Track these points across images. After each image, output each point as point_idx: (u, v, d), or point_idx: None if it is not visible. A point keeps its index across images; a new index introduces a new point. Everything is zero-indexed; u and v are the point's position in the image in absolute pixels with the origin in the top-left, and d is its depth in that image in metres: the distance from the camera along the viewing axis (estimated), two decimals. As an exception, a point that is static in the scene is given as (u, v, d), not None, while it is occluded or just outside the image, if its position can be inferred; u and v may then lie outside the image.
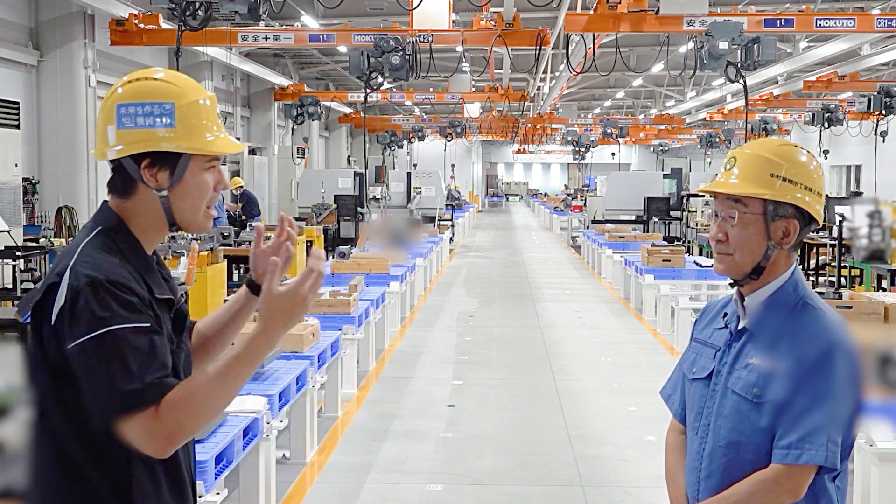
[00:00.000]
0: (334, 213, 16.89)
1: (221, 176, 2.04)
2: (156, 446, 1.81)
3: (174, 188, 1.96)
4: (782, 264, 2.17)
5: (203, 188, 1.99)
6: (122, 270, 1.88)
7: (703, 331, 2.32)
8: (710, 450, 2.16)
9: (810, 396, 2.03)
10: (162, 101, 1.94)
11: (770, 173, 2.14)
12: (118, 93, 1.96)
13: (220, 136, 2.00)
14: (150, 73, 1.99)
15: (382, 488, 5.48)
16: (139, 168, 1.94)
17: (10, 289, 9.91)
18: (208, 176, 2.00)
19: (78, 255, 1.89)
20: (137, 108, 1.93)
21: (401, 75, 12.38)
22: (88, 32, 14.03)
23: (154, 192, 1.95)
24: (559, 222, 28.98)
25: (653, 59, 20.79)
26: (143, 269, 1.96)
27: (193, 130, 1.95)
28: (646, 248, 11.94)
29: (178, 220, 1.99)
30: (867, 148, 23.02)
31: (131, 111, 1.93)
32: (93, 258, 1.88)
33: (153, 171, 1.94)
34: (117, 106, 1.94)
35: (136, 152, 1.93)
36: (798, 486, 2.04)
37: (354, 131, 37.40)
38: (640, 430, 6.57)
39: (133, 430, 1.80)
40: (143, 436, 1.80)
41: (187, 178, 1.96)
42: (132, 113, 1.93)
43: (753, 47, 11.29)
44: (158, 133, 1.92)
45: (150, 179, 1.94)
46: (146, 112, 1.92)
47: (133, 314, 1.83)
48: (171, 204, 1.96)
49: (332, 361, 6.47)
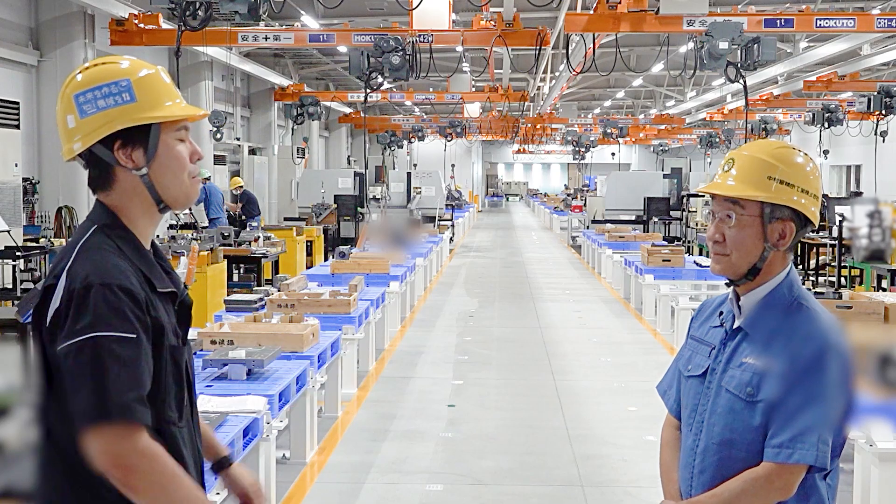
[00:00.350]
0: (334, 213, 16.89)
1: (194, 146, 2.03)
2: (107, 465, 1.80)
3: (151, 164, 1.94)
4: (778, 265, 2.21)
5: (179, 158, 1.98)
6: (120, 270, 1.87)
7: (700, 328, 2.35)
8: (704, 447, 2.20)
9: (802, 397, 2.06)
10: (117, 79, 1.93)
11: (767, 175, 2.17)
12: (75, 81, 1.95)
13: (180, 103, 1.99)
14: (99, 60, 2.00)
15: (382, 488, 5.48)
16: (112, 152, 1.93)
17: (10, 289, 9.92)
18: (181, 147, 1.99)
19: (75, 255, 1.89)
20: (95, 93, 1.91)
21: (401, 75, 12.37)
22: (88, 32, 14.02)
23: (134, 174, 1.94)
24: (559, 222, 28.98)
25: (653, 59, 20.80)
26: (142, 263, 1.95)
27: (155, 101, 1.94)
28: (646, 248, 11.94)
29: (164, 196, 1.98)
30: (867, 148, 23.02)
31: (90, 97, 1.91)
32: (90, 259, 1.87)
33: (127, 150, 1.93)
34: (74, 96, 1.92)
35: (105, 134, 1.91)
36: (789, 485, 2.08)
37: (354, 131, 37.40)
38: (640, 430, 6.57)
39: (94, 441, 1.79)
40: (100, 450, 1.79)
41: (161, 151, 1.95)
42: (91, 98, 1.91)
43: (753, 47, 11.29)
44: (122, 110, 1.91)
45: (126, 161, 1.93)
46: (105, 93, 1.91)
47: (122, 322, 1.81)
48: (153, 181, 1.95)
49: (332, 361, 6.46)
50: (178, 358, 1.98)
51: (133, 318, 1.83)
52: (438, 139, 31.29)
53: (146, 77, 1.95)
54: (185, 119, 2.00)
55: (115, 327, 1.80)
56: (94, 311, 1.80)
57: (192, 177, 2.02)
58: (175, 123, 1.99)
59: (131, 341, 1.82)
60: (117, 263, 1.88)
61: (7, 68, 13.08)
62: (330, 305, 7.32)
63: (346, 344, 7.14)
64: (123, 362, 1.80)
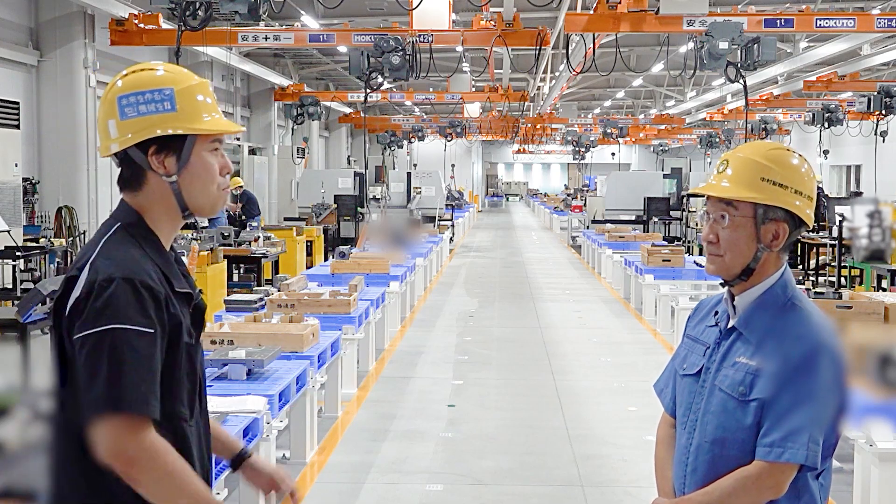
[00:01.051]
0: (334, 213, 16.89)
1: (226, 160, 2.09)
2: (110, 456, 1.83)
3: (182, 172, 2.00)
4: (772, 266, 2.22)
5: (210, 170, 2.04)
6: (141, 265, 1.92)
7: (696, 327, 2.37)
8: (697, 445, 2.22)
9: (794, 396, 2.08)
10: (161, 87, 1.98)
11: (761, 177, 2.18)
12: (117, 86, 2.01)
13: (218, 118, 2.05)
14: (146, 66, 2.05)
15: (382, 488, 5.48)
16: (146, 156, 1.98)
17: (10, 289, 9.92)
18: (213, 158, 2.05)
19: (99, 249, 1.94)
20: (138, 97, 1.97)
21: (401, 75, 12.37)
22: (88, 32, 14.02)
23: (164, 180, 2.00)
24: (559, 222, 28.97)
25: (653, 59, 20.80)
26: (162, 263, 1.99)
27: (194, 113, 2.00)
28: (646, 248, 11.94)
29: (190, 204, 2.03)
30: (867, 148, 23.02)
31: (132, 101, 1.97)
32: (113, 253, 1.92)
33: (160, 157, 1.99)
34: (118, 98, 1.98)
35: (142, 139, 1.97)
36: (779, 484, 2.09)
37: (354, 131, 37.39)
38: (640, 430, 6.57)
39: (101, 432, 1.82)
40: (106, 441, 1.82)
41: (193, 160, 2.01)
42: (133, 102, 1.97)
43: (753, 47, 11.29)
44: (161, 118, 1.97)
45: (158, 166, 1.99)
46: (147, 100, 1.97)
47: (141, 317, 1.86)
48: (182, 189, 2.01)
49: (332, 361, 6.46)
50: (193, 355, 2.01)
51: (153, 314, 1.87)
52: (438, 139, 31.29)
53: (188, 88, 2.01)
54: (220, 133, 2.05)
55: (133, 321, 1.84)
56: (114, 304, 1.84)
57: (221, 189, 2.08)
58: (209, 136, 2.04)
59: (148, 336, 1.86)
60: (140, 260, 1.93)
61: (7, 68, 13.08)
62: (330, 305, 7.32)
63: (346, 344, 7.14)
64: (139, 356, 1.84)
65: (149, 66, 2.05)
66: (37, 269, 10.43)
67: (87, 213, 13.76)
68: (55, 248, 10.91)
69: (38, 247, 10.63)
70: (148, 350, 1.85)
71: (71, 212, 13.27)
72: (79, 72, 13.91)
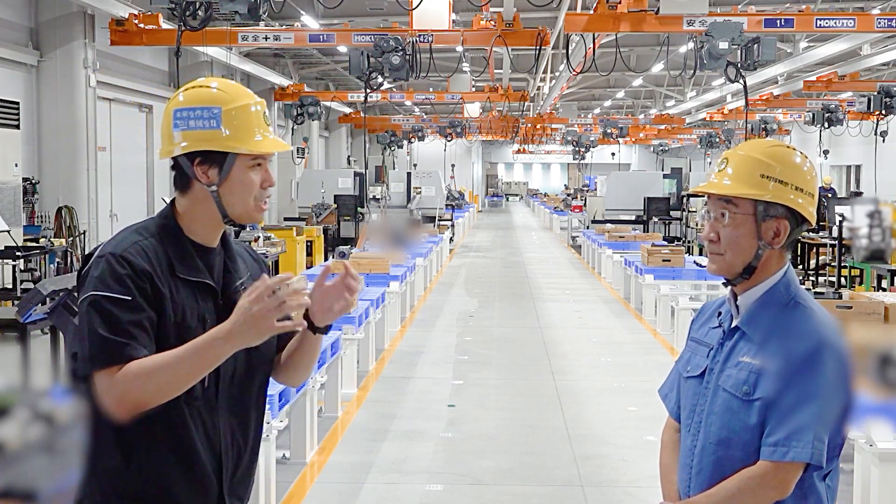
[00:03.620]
0: (334, 213, 16.90)
1: (268, 174, 2.24)
2: (109, 405, 2.00)
3: (223, 184, 2.17)
4: (774, 264, 2.21)
5: (248, 185, 2.19)
6: (137, 247, 2.10)
7: (699, 330, 2.35)
8: (701, 446, 2.20)
9: (798, 395, 2.06)
10: (210, 105, 2.17)
11: (761, 174, 2.17)
12: (178, 100, 2.21)
13: (264, 138, 2.21)
14: (207, 82, 2.25)
15: (382, 488, 5.48)
16: (192, 165, 2.17)
17: (10, 289, 9.92)
18: (254, 174, 2.20)
19: (115, 234, 2.18)
20: (189, 113, 2.17)
21: (401, 75, 12.37)
22: (88, 32, 14.02)
23: (206, 188, 2.17)
24: (559, 222, 28.98)
25: (653, 59, 20.80)
26: (175, 251, 2.15)
27: (239, 132, 2.17)
28: (646, 248, 11.94)
29: (230, 212, 2.20)
30: (867, 148, 23.02)
31: (184, 115, 2.17)
32: (119, 236, 2.14)
33: (204, 168, 2.17)
34: (174, 111, 2.19)
35: (186, 151, 2.16)
36: (785, 484, 2.07)
37: (354, 131, 37.39)
38: (640, 430, 6.57)
39: (95, 387, 2.00)
40: (101, 394, 2.00)
41: (234, 174, 2.18)
42: (185, 116, 2.17)
43: (753, 47, 11.29)
44: (206, 134, 2.16)
45: (201, 176, 2.17)
46: (196, 116, 2.17)
47: (120, 286, 2.04)
48: (221, 198, 2.18)
49: (332, 361, 6.47)
50: (182, 334, 2.09)
51: (131, 284, 2.05)
52: (438, 139, 31.29)
53: (235, 108, 2.18)
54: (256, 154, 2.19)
55: (111, 289, 2.03)
56: (97, 275, 2.06)
57: (259, 201, 2.22)
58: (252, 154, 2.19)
59: (126, 302, 2.03)
60: (136, 241, 2.12)
61: (7, 68, 13.08)
62: (330, 305, 7.30)
63: (346, 344, 7.15)
64: (114, 317, 2.02)
65: (207, 83, 2.24)
66: (37, 269, 10.44)
67: (87, 213, 13.75)
68: (55, 248, 10.92)
69: (38, 247, 10.63)
70: (125, 313, 2.02)
71: (71, 212, 13.27)
72: (79, 72, 13.90)
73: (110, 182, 15.59)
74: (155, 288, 2.07)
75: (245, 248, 2.39)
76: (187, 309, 2.12)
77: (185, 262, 2.16)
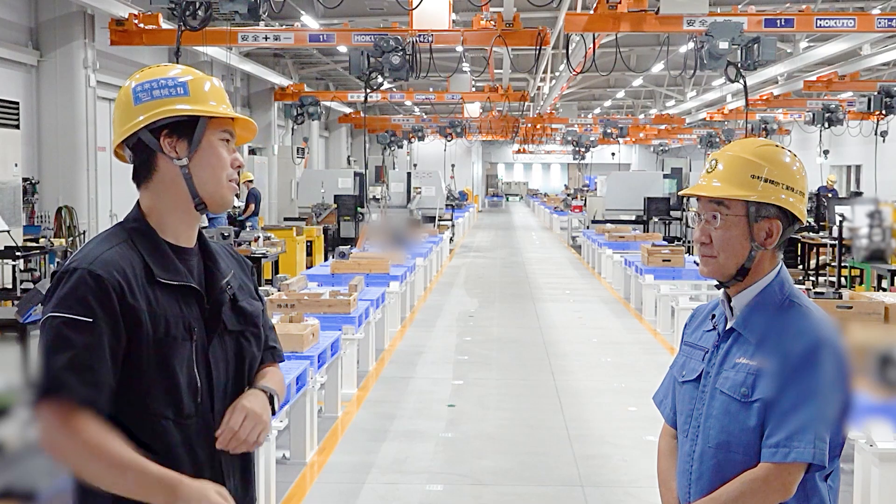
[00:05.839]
0: (334, 213, 16.88)
1: (237, 155, 2.13)
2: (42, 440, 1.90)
3: (193, 157, 2.04)
4: (767, 265, 2.19)
5: (221, 158, 2.08)
6: (103, 258, 1.94)
7: (693, 334, 2.33)
8: (701, 451, 2.17)
9: (797, 394, 2.04)
10: (175, 76, 2.08)
11: (751, 174, 2.15)
12: (136, 77, 2.10)
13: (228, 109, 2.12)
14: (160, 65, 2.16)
15: (382, 488, 5.48)
16: (158, 140, 2.03)
17: (10, 289, 9.92)
18: (224, 150, 2.09)
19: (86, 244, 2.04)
20: (153, 83, 2.06)
21: (401, 75, 12.36)
22: (88, 32, 14.01)
23: (175, 165, 2.03)
24: (559, 222, 28.97)
25: (653, 59, 20.79)
26: (152, 256, 2.02)
27: (205, 99, 2.07)
28: (646, 248, 11.94)
29: (201, 191, 2.06)
30: (867, 148, 23.01)
31: (146, 87, 2.05)
32: (87, 247, 2.00)
33: (172, 140, 2.04)
34: (134, 87, 2.07)
35: (154, 119, 2.02)
36: (787, 485, 2.04)
37: (354, 131, 37.37)
38: (640, 430, 6.57)
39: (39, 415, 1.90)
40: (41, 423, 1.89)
41: (204, 146, 2.05)
42: (147, 88, 2.05)
43: (753, 47, 11.28)
44: (173, 101, 2.04)
45: (170, 150, 2.03)
46: (161, 85, 2.05)
47: (79, 306, 1.89)
48: (192, 174, 2.04)
49: (332, 361, 6.46)
50: (166, 350, 1.97)
51: (95, 304, 1.90)
52: (438, 139, 31.26)
53: (201, 78, 2.10)
54: (230, 118, 2.09)
55: (72, 309, 1.89)
56: (59, 293, 1.92)
57: (230, 180, 2.11)
58: (221, 125, 2.09)
59: (85, 325, 1.89)
60: (105, 252, 1.96)
61: (7, 68, 13.07)
62: (330, 305, 7.32)
63: (346, 344, 7.14)
64: (69, 342, 1.88)
65: (164, 65, 2.15)
66: (36, 269, 10.43)
67: (86, 213, 13.75)
68: (55, 248, 10.91)
69: (37, 247, 10.62)
70: (82, 337, 1.88)
71: (71, 212, 13.27)
72: (79, 72, 13.90)
73: (110, 182, 15.57)
74: (126, 306, 1.92)
75: (222, 246, 2.23)
76: (171, 319, 1.98)
77: (163, 266, 2.01)
